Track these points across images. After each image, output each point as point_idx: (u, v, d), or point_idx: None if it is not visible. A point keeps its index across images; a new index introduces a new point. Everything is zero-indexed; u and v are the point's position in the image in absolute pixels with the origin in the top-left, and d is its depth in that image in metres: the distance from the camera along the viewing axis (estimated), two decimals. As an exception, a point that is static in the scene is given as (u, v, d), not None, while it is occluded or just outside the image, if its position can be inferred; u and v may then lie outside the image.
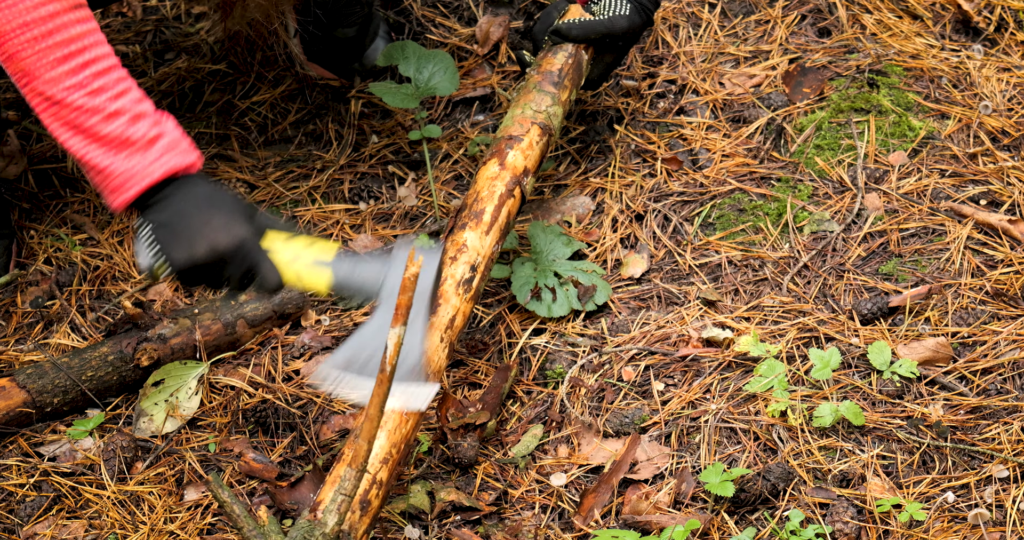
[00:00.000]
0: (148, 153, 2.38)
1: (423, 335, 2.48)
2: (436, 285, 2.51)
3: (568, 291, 2.99)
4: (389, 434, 2.46)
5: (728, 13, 3.50)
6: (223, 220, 2.39)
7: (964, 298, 2.93)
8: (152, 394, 2.86)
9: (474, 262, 2.71)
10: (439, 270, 2.54)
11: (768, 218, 3.12)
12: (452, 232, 2.76)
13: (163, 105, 3.46)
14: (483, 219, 2.76)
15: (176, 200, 2.39)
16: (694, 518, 2.61)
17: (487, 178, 2.82)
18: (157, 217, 2.39)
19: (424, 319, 2.49)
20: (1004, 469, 2.65)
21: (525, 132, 2.90)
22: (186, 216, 2.39)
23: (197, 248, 2.38)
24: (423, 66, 3.23)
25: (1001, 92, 3.29)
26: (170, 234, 2.39)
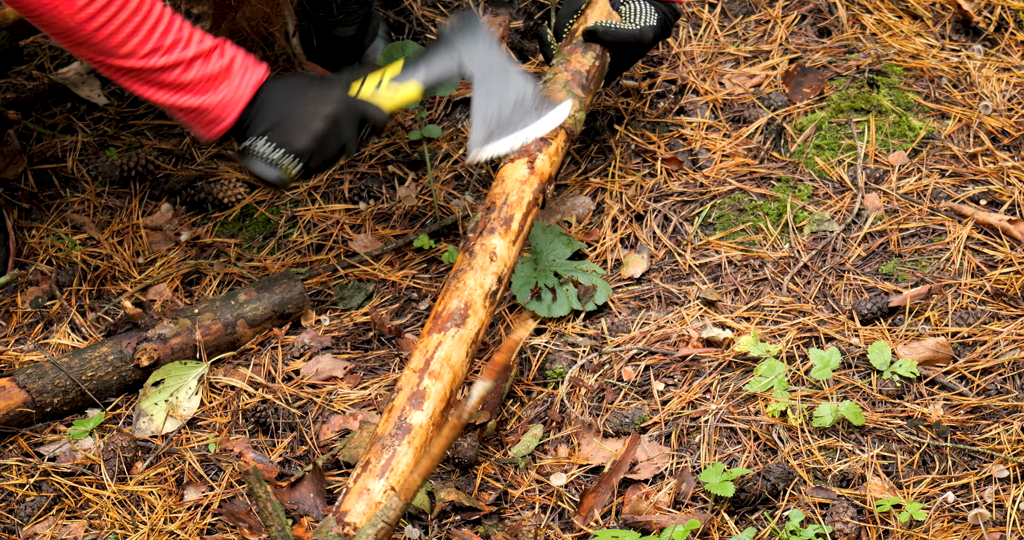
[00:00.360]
0: (231, 81, 2.58)
1: (523, 76, 2.63)
2: (494, 39, 2.67)
3: (568, 291, 2.99)
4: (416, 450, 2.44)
5: (728, 13, 3.50)
6: (315, 95, 2.60)
7: (964, 298, 2.93)
8: (152, 394, 2.86)
9: (501, 273, 2.68)
10: (481, 28, 2.67)
11: (768, 218, 3.12)
12: (481, 235, 2.73)
13: (163, 105, 3.47)
14: (511, 227, 2.72)
15: (269, 104, 2.59)
16: (694, 518, 2.61)
17: (516, 180, 2.78)
18: (263, 126, 2.59)
19: (516, 70, 2.63)
20: (1004, 469, 2.65)
21: (554, 136, 2.86)
22: (287, 110, 2.58)
23: (313, 126, 2.59)
24: None
25: (1001, 92, 3.29)
26: (283, 131, 2.58)
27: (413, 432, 2.46)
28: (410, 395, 2.51)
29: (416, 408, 2.48)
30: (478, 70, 2.66)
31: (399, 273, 3.09)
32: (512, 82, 2.64)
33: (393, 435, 2.46)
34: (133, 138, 3.40)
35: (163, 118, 3.44)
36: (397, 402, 2.51)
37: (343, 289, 3.08)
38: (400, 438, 2.46)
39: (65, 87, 3.51)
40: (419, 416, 2.47)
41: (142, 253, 3.19)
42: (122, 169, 3.31)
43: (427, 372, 2.53)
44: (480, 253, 2.68)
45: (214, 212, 3.26)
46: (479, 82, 2.65)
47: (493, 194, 2.78)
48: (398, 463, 2.43)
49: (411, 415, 2.48)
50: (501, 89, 2.65)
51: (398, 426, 2.47)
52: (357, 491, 2.42)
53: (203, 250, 3.20)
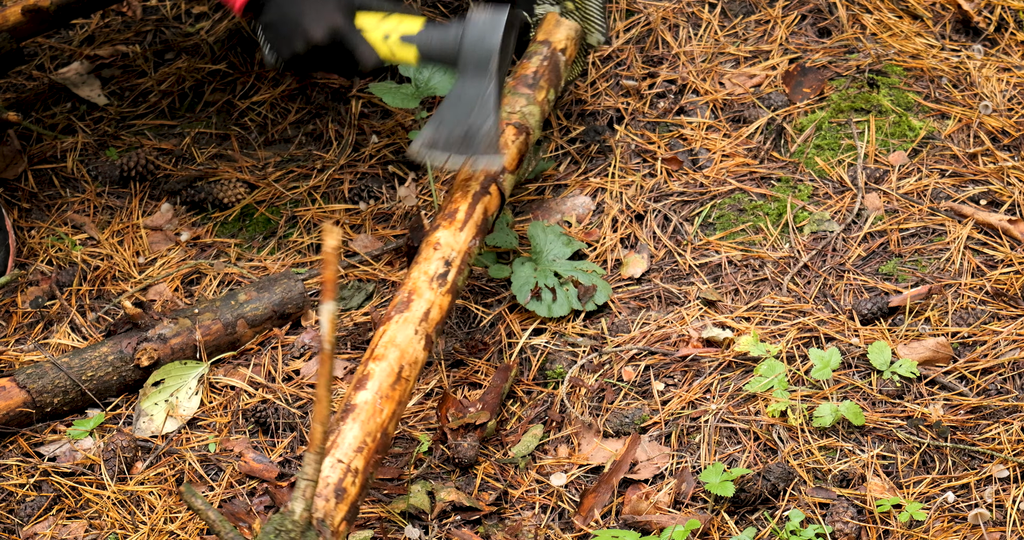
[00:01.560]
0: None
1: (495, 103, 2.67)
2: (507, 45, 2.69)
3: (568, 291, 2.99)
4: (363, 424, 2.48)
5: (728, 13, 3.50)
6: (314, 12, 2.65)
7: (964, 298, 2.93)
8: (152, 394, 2.86)
9: (448, 257, 2.73)
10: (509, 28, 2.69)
11: (768, 218, 3.12)
12: (427, 235, 2.78)
13: (163, 105, 3.46)
14: (456, 217, 2.79)
15: (276, 2, 2.67)
16: (694, 518, 2.61)
17: (461, 180, 2.85)
18: (264, 18, 2.70)
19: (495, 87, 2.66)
20: (1004, 469, 2.65)
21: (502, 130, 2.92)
22: (284, 15, 2.67)
23: (295, 43, 2.68)
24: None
25: (1001, 92, 3.29)
26: (274, 33, 2.69)
27: (358, 410, 2.51)
28: (355, 384, 2.57)
29: (360, 389, 2.53)
30: (468, 69, 2.70)
31: (399, 273, 3.09)
32: (483, 105, 2.68)
33: (339, 419, 2.52)
34: (133, 138, 3.40)
35: (163, 118, 3.44)
36: (345, 392, 2.58)
37: (343, 289, 3.08)
38: (344, 418, 2.51)
39: (65, 87, 3.51)
40: (364, 394, 2.53)
41: (142, 253, 3.19)
42: (122, 169, 3.31)
43: (371, 359, 2.58)
44: (424, 249, 2.75)
45: (214, 212, 3.26)
46: (461, 82, 2.70)
47: (445, 198, 2.86)
48: (343, 439, 2.47)
49: (355, 397, 2.53)
50: (470, 103, 2.70)
51: (344, 409, 2.53)
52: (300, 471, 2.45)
53: (203, 250, 3.20)
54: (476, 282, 3.06)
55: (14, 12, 3.35)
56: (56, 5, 3.36)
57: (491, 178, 2.86)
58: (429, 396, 2.88)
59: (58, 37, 3.64)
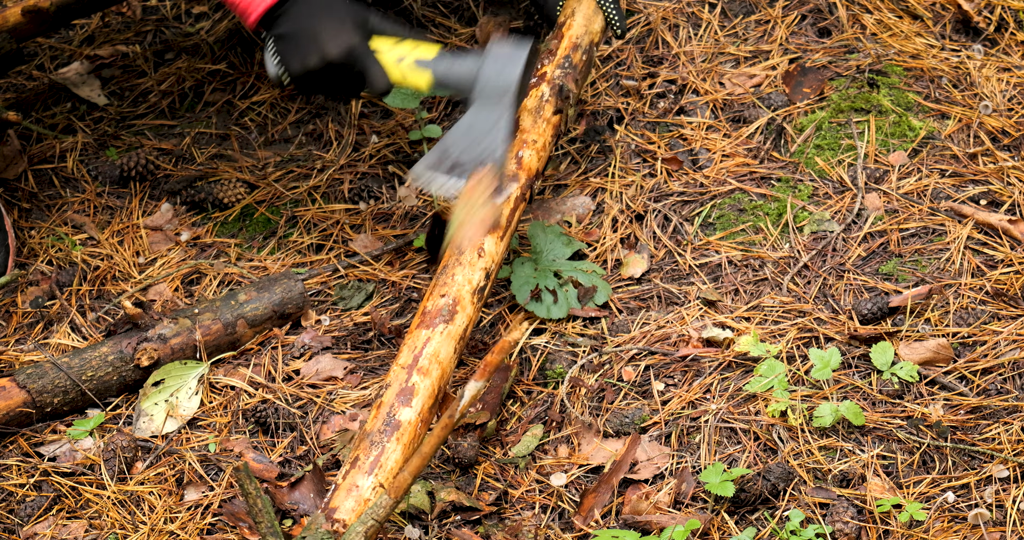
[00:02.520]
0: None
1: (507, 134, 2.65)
2: (525, 81, 2.68)
3: (568, 292, 2.99)
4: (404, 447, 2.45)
5: (728, 13, 3.50)
6: (333, 30, 2.64)
7: (964, 298, 2.93)
8: (152, 394, 2.86)
9: (488, 268, 2.70)
10: (528, 65, 2.69)
11: (768, 218, 3.12)
12: None
13: (163, 105, 3.46)
14: (499, 223, 2.74)
15: (293, 14, 2.66)
16: (694, 518, 2.61)
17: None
18: (278, 31, 2.67)
19: (509, 120, 2.64)
20: (1004, 469, 2.65)
21: (542, 132, 2.89)
22: (300, 28, 2.65)
23: (309, 58, 2.65)
24: None
25: (1001, 92, 3.29)
26: (287, 46, 2.67)
27: (402, 429, 2.47)
28: (399, 392, 2.52)
29: (405, 405, 2.49)
30: (481, 101, 2.68)
31: (399, 273, 3.09)
32: (492, 136, 2.67)
33: (382, 432, 2.47)
34: (133, 138, 3.40)
35: (163, 118, 3.44)
36: (386, 398, 2.52)
37: (343, 289, 3.08)
38: (389, 435, 2.47)
39: (65, 87, 3.51)
40: (408, 413, 2.48)
41: (142, 253, 3.19)
42: (122, 169, 3.31)
43: (415, 368, 2.54)
44: (469, 251, 2.69)
45: (214, 212, 3.26)
46: (475, 111, 2.69)
47: None
48: (387, 460, 2.44)
49: (400, 411, 2.48)
50: (482, 133, 2.68)
51: (386, 422, 2.48)
52: (346, 488, 2.42)
53: (203, 250, 3.20)
54: (476, 282, 3.07)
55: (14, 13, 3.35)
56: (56, 6, 3.36)
57: (530, 181, 2.80)
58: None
59: (58, 37, 3.64)
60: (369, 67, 2.68)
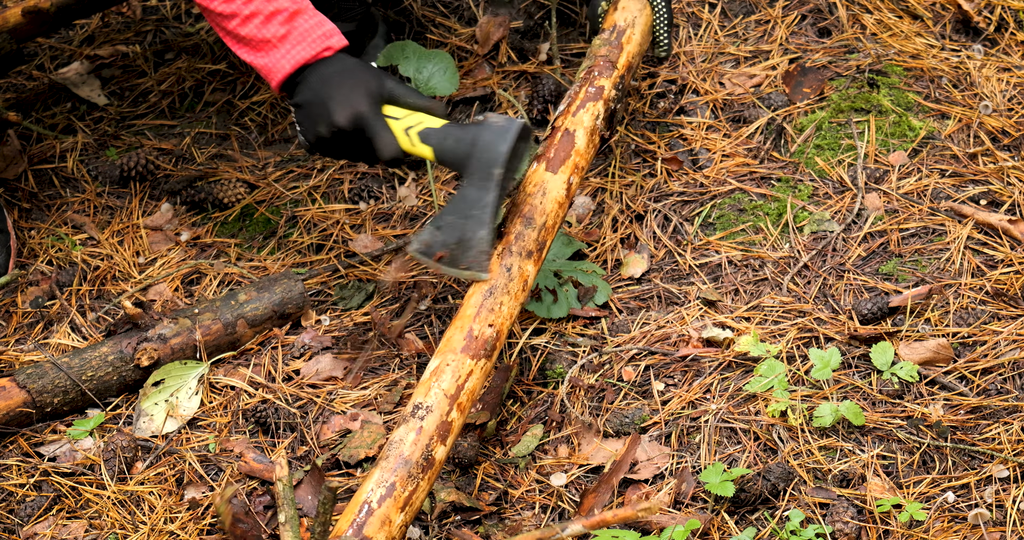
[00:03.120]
0: (279, 49, 2.75)
1: (492, 214, 2.66)
2: (514, 157, 2.68)
3: (568, 291, 2.99)
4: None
5: (728, 13, 3.50)
6: (343, 97, 2.71)
7: (964, 298, 2.93)
8: (152, 394, 2.86)
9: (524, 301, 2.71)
10: (518, 143, 2.68)
11: (768, 218, 3.12)
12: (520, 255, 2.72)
13: (163, 105, 3.47)
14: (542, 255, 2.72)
15: (308, 85, 2.74)
16: (694, 518, 2.61)
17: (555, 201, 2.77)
18: (295, 100, 2.77)
19: (495, 197, 2.65)
20: (1004, 469, 2.65)
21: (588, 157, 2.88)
22: (314, 97, 2.73)
23: (320, 126, 2.73)
24: (423, 66, 3.23)
25: (1001, 92, 3.29)
26: (304, 115, 2.76)
27: (434, 468, 2.45)
28: (438, 425, 2.47)
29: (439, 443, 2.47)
30: (474, 175, 2.68)
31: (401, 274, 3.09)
32: (480, 215, 2.67)
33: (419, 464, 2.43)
34: (133, 138, 3.40)
35: (163, 118, 3.44)
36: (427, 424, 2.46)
37: (343, 289, 3.08)
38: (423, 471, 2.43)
39: (65, 87, 3.51)
40: (441, 452, 2.46)
41: (142, 253, 3.19)
42: (122, 169, 3.31)
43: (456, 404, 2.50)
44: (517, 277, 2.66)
45: (214, 212, 3.26)
46: (467, 185, 2.68)
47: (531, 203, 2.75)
48: (416, 498, 2.42)
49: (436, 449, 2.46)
50: (468, 210, 2.69)
51: (424, 456, 2.44)
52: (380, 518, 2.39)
53: (203, 250, 3.20)
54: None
55: (14, 13, 3.35)
56: (56, 6, 3.36)
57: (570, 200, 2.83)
58: (429, 396, 2.88)
59: (58, 37, 3.64)
60: (377, 134, 2.71)
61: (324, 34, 2.75)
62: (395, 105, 2.75)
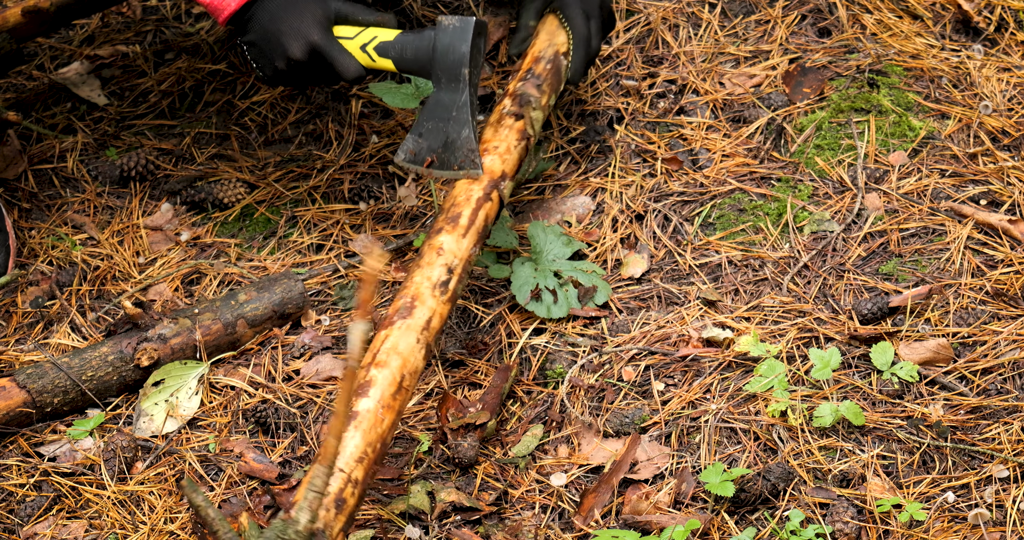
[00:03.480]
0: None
1: (471, 112, 2.75)
2: (476, 53, 2.77)
3: (568, 292, 2.99)
4: (364, 433, 2.47)
5: (728, 13, 3.50)
6: (293, 30, 2.75)
7: (964, 298, 2.93)
8: (152, 394, 2.86)
9: (451, 264, 2.72)
10: (477, 36, 2.77)
11: (768, 218, 3.12)
12: (429, 236, 2.77)
13: (163, 105, 3.46)
14: (459, 223, 2.78)
15: (257, 20, 2.78)
16: (694, 518, 2.61)
17: (464, 182, 2.84)
18: (246, 38, 2.81)
19: (469, 95, 2.74)
20: (1004, 469, 2.65)
21: (505, 137, 2.92)
22: (265, 33, 2.77)
23: (277, 61, 2.79)
24: None
25: (1001, 92, 3.29)
26: (257, 53, 2.81)
27: (360, 417, 2.50)
28: (356, 389, 2.55)
29: (362, 396, 2.52)
30: (441, 78, 2.77)
31: (400, 273, 3.09)
32: (459, 115, 2.76)
33: None
34: (133, 138, 3.40)
35: (163, 118, 3.44)
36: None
37: (343, 289, 3.08)
38: (346, 425, 2.49)
39: (65, 87, 3.51)
40: (366, 402, 2.52)
41: (142, 253, 3.19)
42: (122, 169, 3.31)
43: (373, 364, 2.57)
44: (427, 252, 2.74)
45: (214, 212, 3.26)
46: (437, 90, 2.78)
47: (447, 198, 2.85)
48: (345, 447, 2.46)
49: (357, 403, 2.52)
50: (447, 113, 2.78)
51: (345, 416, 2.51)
52: (306, 481, 2.43)
53: (203, 250, 3.20)
54: (476, 282, 3.06)
55: (14, 13, 3.35)
56: (56, 6, 3.36)
57: (493, 183, 2.85)
58: (429, 396, 2.88)
59: (58, 37, 3.64)
60: (335, 58, 2.78)
61: None
62: (347, 24, 2.82)
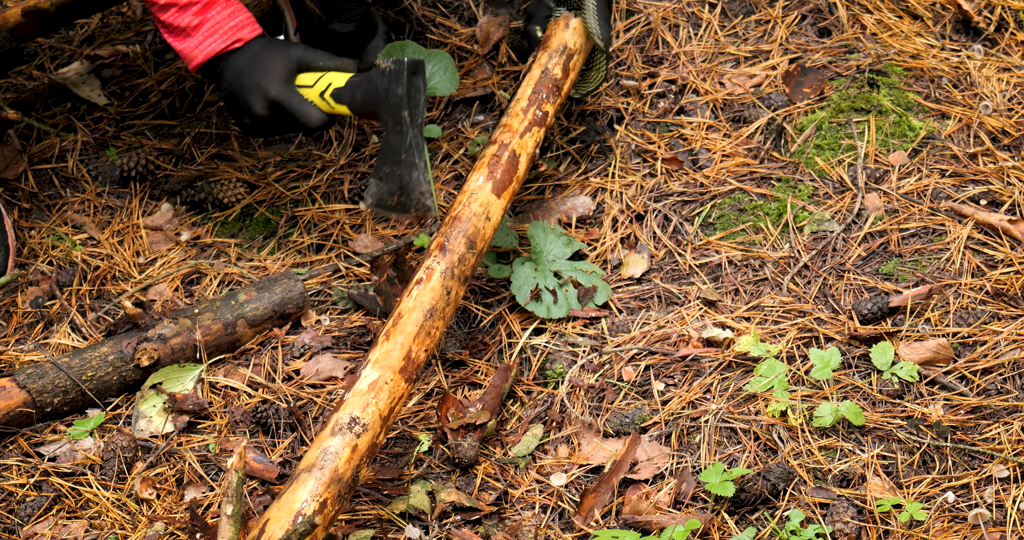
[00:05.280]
0: (193, 39, 2.90)
1: (419, 153, 2.83)
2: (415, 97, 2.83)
3: (568, 292, 2.99)
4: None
5: (728, 13, 3.50)
6: (256, 86, 2.88)
7: (964, 298, 2.93)
8: (151, 396, 2.86)
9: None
10: (412, 80, 2.81)
11: (768, 218, 3.12)
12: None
13: (163, 105, 3.46)
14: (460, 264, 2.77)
15: (224, 78, 2.92)
16: (694, 518, 2.61)
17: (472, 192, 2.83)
18: (220, 94, 2.95)
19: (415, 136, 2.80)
20: (1004, 469, 2.65)
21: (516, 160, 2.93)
22: (231, 90, 2.91)
23: (243, 117, 2.93)
24: None
25: (1001, 92, 3.29)
26: (228, 107, 2.96)
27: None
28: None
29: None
30: (387, 122, 2.83)
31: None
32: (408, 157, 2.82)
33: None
34: (133, 138, 3.40)
35: (163, 118, 3.44)
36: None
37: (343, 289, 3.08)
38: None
39: (65, 87, 3.51)
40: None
41: (142, 253, 3.19)
42: (122, 169, 3.31)
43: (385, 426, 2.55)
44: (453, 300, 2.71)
45: (214, 212, 3.26)
46: (386, 132, 2.84)
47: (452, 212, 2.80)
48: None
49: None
50: (396, 156, 2.84)
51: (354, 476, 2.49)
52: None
53: (203, 250, 3.20)
54: (476, 282, 3.07)
55: (14, 13, 3.35)
56: (56, 6, 3.36)
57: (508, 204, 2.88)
58: (429, 396, 2.88)
59: (58, 37, 3.64)
60: (296, 109, 2.89)
61: (235, 26, 2.90)
62: (310, 71, 2.91)
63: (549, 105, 2.96)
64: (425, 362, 2.60)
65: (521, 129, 2.91)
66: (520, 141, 2.89)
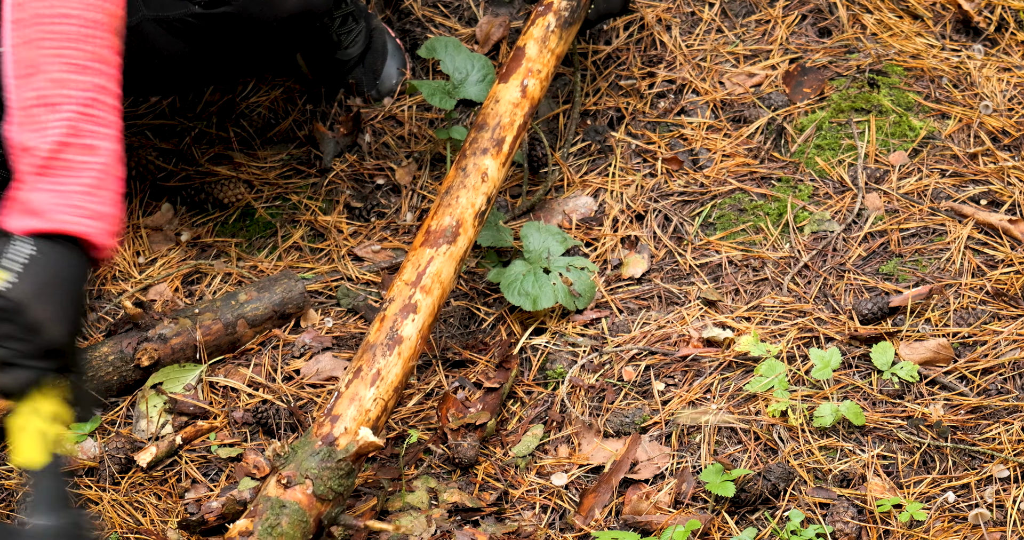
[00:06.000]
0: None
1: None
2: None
3: (556, 285, 2.97)
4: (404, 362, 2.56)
5: (728, 13, 3.50)
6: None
7: (964, 298, 2.93)
8: (151, 397, 2.86)
9: (490, 194, 2.77)
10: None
11: (768, 218, 3.12)
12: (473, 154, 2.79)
13: (163, 105, 3.46)
14: (502, 149, 2.80)
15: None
16: (694, 518, 2.61)
17: (509, 103, 2.82)
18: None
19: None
20: (1004, 469, 2.65)
21: (544, 63, 2.92)
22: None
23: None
24: (462, 65, 3.19)
25: (1001, 92, 3.29)
26: None
27: (404, 344, 2.53)
28: (402, 307, 2.57)
29: (407, 320, 2.54)
30: None
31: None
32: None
33: (385, 345, 2.52)
34: (133, 138, 3.40)
35: (163, 118, 3.44)
36: (389, 312, 2.58)
37: (343, 289, 3.08)
38: (391, 349, 2.52)
39: (65, 87, 3.50)
40: (409, 328, 2.53)
41: (142, 253, 3.19)
42: (122, 169, 3.31)
43: (419, 286, 2.58)
44: (473, 172, 2.73)
45: (215, 212, 3.26)
46: None
47: (485, 113, 2.84)
48: (388, 373, 2.49)
49: (402, 326, 2.53)
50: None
51: (389, 337, 2.53)
52: (348, 396, 2.48)
53: (204, 250, 3.20)
54: (476, 283, 3.07)
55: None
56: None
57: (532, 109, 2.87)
58: (429, 396, 2.88)
59: (58, 37, 3.64)
60: None
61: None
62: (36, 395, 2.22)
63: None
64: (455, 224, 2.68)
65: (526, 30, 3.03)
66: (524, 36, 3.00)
